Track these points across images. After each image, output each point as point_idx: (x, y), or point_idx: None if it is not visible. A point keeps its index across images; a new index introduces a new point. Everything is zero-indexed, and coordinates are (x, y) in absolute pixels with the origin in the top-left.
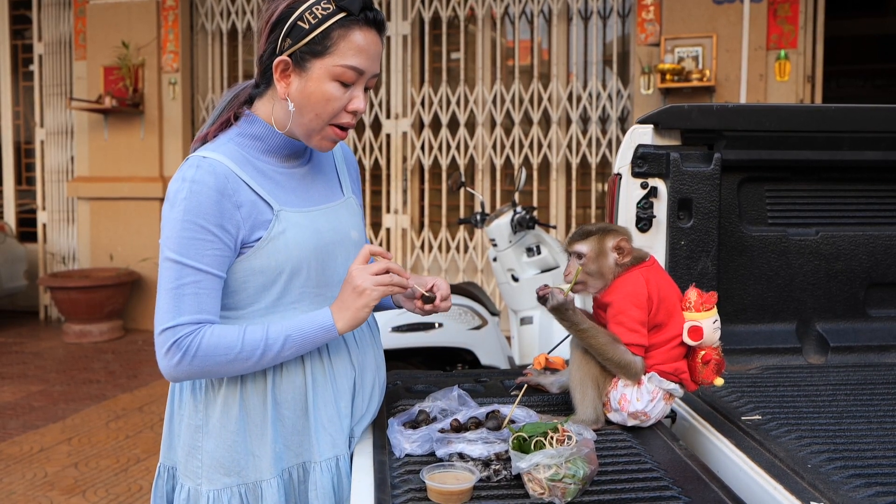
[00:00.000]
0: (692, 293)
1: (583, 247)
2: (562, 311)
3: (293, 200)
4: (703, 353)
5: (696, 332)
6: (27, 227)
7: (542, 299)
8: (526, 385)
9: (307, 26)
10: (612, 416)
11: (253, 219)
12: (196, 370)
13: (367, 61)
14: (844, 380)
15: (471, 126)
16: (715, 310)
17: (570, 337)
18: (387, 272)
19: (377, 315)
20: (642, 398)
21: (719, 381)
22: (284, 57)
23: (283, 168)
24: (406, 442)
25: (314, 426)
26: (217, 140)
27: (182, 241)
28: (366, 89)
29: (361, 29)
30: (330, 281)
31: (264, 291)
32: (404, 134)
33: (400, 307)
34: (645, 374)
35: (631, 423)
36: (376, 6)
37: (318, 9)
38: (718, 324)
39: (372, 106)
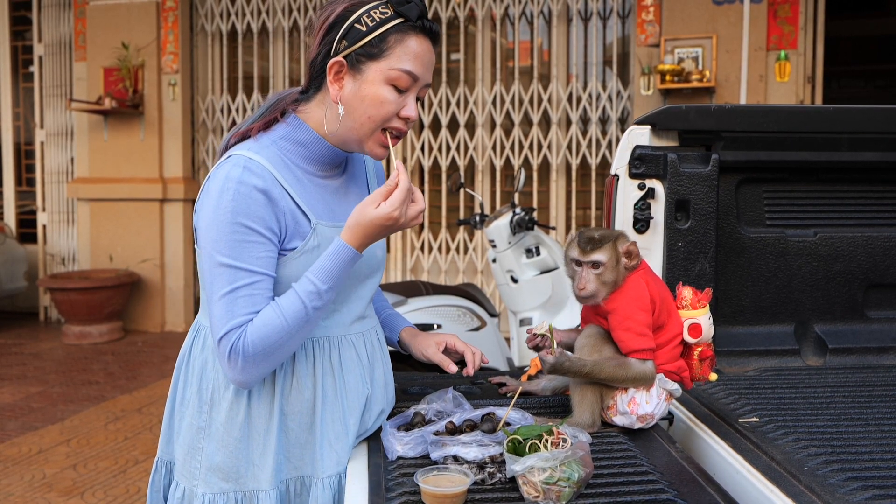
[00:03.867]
0: (686, 291)
1: (601, 255)
2: (560, 369)
3: (328, 214)
4: (699, 349)
5: (695, 329)
6: (27, 229)
7: (536, 348)
8: (520, 387)
9: (364, 29)
10: (619, 420)
11: (292, 228)
12: (262, 367)
13: (422, 68)
14: (843, 382)
15: (470, 127)
16: (708, 306)
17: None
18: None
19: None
20: (651, 400)
21: (713, 376)
22: (339, 58)
23: (320, 178)
24: (398, 444)
25: (319, 441)
26: (259, 140)
27: (233, 244)
28: (417, 99)
29: (417, 36)
30: (350, 297)
31: None
32: None
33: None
34: None
35: (638, 425)
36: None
37: (376, 13)
38: (711, 320)
39: None
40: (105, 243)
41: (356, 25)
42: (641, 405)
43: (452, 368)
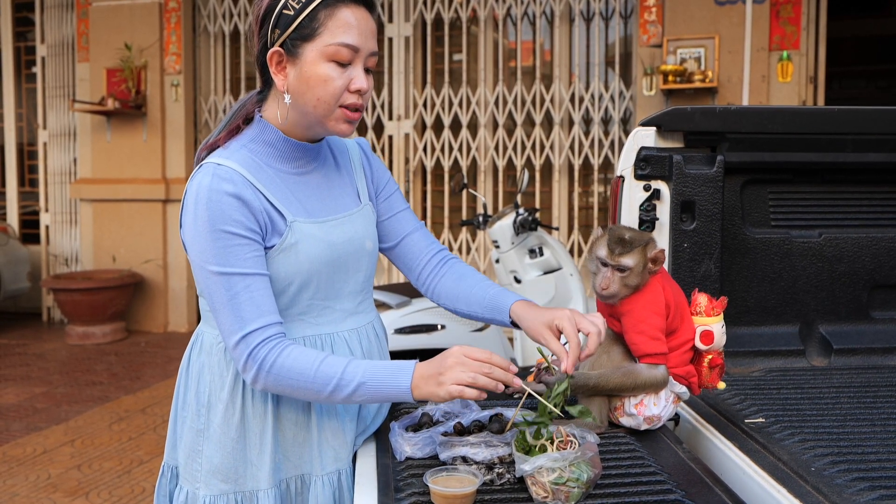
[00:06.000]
0: (702, 298)
1: (629, 260)
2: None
3: (308, 210)
4: (710, 357)
5: (707, 336)
6: (30, 229)
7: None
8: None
9: (292, 12)
10: (626, 421)
11: (270, 226)
12: (271, 386)
13: (359, 38)
14: (848, 382)
15: (473, 127)
16: (722, 314)
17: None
18: (485, 369)
19: (383, 316)
20: (659, 402)
21: (722, 385)
22: (276, 48)
23: (297, 175)
24: (406, 445)
25: (317, 440)
26: (229, 147)
27: (218, 251)
28: (368, 71)
29: (348, 6)
30: (340, 293)
31: None
32: (406, 135)
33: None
34: None
35: (645, 427)
36: None
37: None
38: (724, 328)
39: (374, 107)
40: (108, 244)
41: (284, 11)
42: (649, 407)
43: (560, 364)
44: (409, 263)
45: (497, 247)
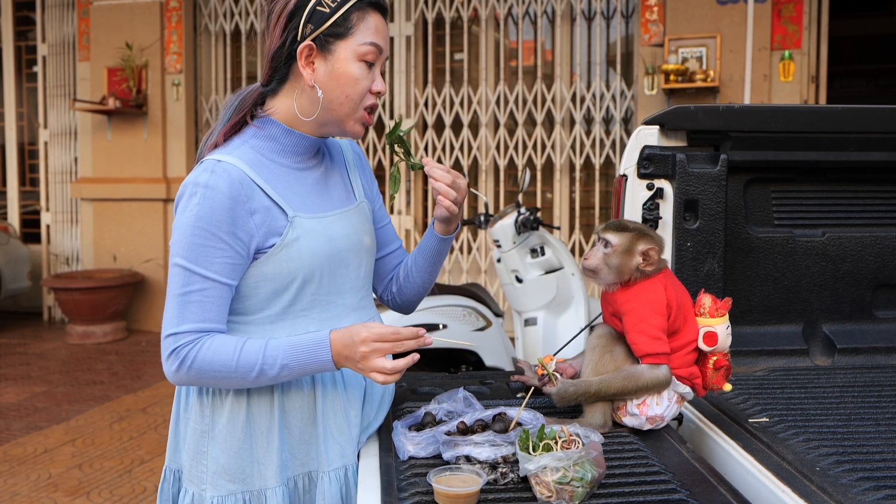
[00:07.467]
0: (706, 299)
1: (614, 238)
2: (567, 396)
3: (308, 205)
4: (714, 358)
5: (711, 337)
6: (31, 229)
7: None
8: (533, 387)
9: (328, 10)
10: (629, 421)
11: (267, 225)
12: (194, 380)
13: (384, 41)
14: (852, 382)
15: (474, 127)
16: (727, 316)
17: (583, 336)
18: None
19: (383, 316)
20: (662, 402)
21: (728, 387)
22: (309, 42)
23: (298, 170)
24: (410, 444)
25: (323, 435)
26: (231, 143)
27: (192, 247)
28: (381, 73)
29: (374, 12)
30: (341, 288)
31: (275, 298)
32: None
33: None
34: None
35: (647, 427)
36: None
37: None
38: (730, 329)
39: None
40: (109, 243)
41: (318, 8)
42: (651, 407)
43: (446, 206)
44: (382, 276)
45: (498, 246)
